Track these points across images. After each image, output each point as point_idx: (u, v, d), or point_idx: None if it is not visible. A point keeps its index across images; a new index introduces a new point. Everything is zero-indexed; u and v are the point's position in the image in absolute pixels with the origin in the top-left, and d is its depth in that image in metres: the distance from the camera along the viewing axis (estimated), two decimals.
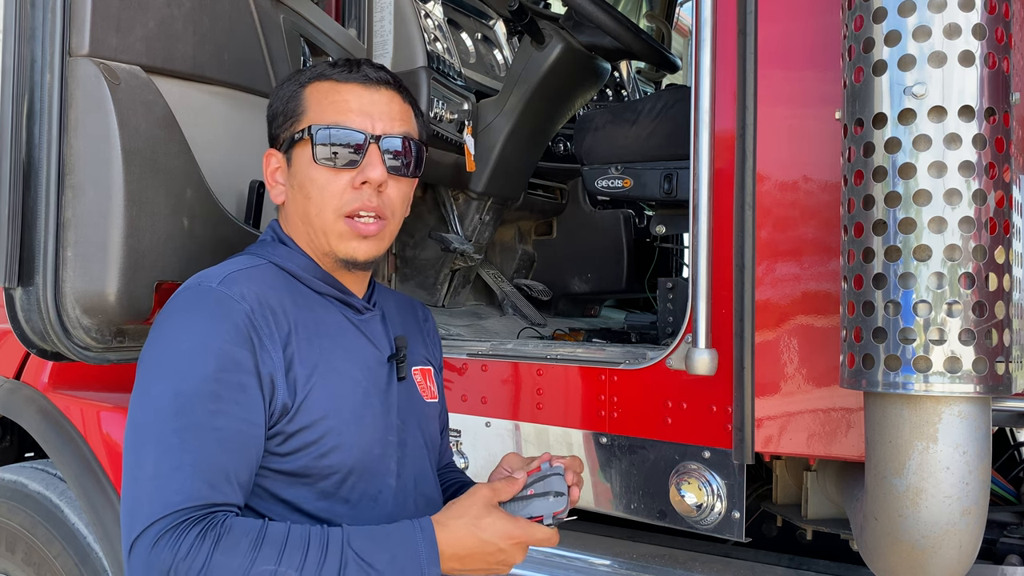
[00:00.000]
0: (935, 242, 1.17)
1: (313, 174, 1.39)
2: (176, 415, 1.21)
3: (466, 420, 2.02)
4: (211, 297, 1.30)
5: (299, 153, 1.41)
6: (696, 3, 1.62)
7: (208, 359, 1.24)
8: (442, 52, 2.59)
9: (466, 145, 2.54)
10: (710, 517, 1.65)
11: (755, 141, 1.55)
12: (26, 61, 1.61)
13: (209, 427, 1.21)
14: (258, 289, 1.34)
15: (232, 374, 1.25)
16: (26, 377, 2.50)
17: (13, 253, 1.60)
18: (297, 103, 1.44)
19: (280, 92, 1.49)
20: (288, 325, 1.34)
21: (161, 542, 1.14)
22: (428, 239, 2.78)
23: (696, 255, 1.60)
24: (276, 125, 1.47)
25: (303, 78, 1.47)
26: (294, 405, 1.31)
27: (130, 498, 1.21)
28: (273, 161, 1.47)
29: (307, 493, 1.34)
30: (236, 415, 1.24)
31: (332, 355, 1.39)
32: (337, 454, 1.35)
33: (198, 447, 1.20)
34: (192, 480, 1.18)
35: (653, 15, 3.82)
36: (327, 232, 1.40)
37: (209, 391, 1.23)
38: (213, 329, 1.27)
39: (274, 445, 1.30)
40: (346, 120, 1.40)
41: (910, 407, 1.21)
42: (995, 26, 1.17)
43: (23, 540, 2.44)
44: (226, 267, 1.37)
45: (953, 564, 1.24)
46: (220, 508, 1.19)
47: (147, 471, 1.20)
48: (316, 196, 1.39)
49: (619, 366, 1.80)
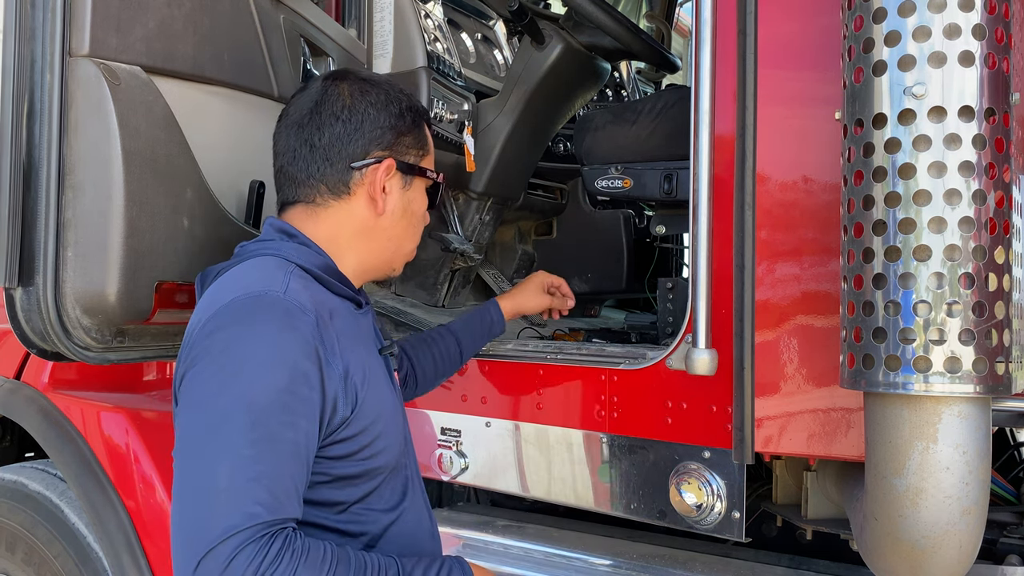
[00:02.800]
0: (935, 242, 1.17)
1: (425, 209, 1.58)
2: (251, 427, 1.18)
3: (466, 420, 2.02)
4: (281, 307, 1.27)
5: (420, 185, 1.56)
6: (696, 3, 1.62)
7: (282, 371, 1.22)
8: (442, 52, 2.59)
9: (466, 145, 2.54)
10: (710, 517, 1.65)
11: (755, 141, 1.55)
12: (26, 61, 1.60)
13: (282, 439, 1.20)
14: (312, 296, 1.33)
15: (302, 387, 1.24)
16: (26, 377, 2.50)
17: (13, 253, 1.60)
18: (423, 136, 1.56)
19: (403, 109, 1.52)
20: (338, 331, 1.35)
21: (242, 556, 1.11)
22: (428, 239, 2.78)
23: (696, 255, 1.60)
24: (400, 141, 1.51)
25: (422, 110, 1.58)
26: (352, 412, 1.33)
27: (196, 510, 1.16)
28: (383, 170, 1.48)
29: (351, 493, 1.38)
30: (303, 428, 1.23)
31: (368, 357, 1.44)
32: (385, 455, 1.41)
33: (273, 459, 1.18)
34: (269, 493, 1.16)
35: (653, 15, 3.82)
36: (406, 256, 1.59)
37: (282, 403, 1.21)
38: (285, 340, 1.25)
39: (331, 451, 1.32)
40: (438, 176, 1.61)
41: (910, 407, 1.21)
42: (995, 26, 1.17)
43: (23, 540, 2.44)
44: (275, 273, 1.34)
45: (953, 564, 1.24)
46: (290, 522, 1.19)
47: (219, 483, 1.16)
48: (414, 232, 1.58)
49: (619, 366, 1.80)
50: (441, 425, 2.06)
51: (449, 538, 2.07)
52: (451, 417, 2.05)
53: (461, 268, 2.86)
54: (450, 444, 2.04)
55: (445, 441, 2.05)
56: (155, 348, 1.81)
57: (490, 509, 2.35)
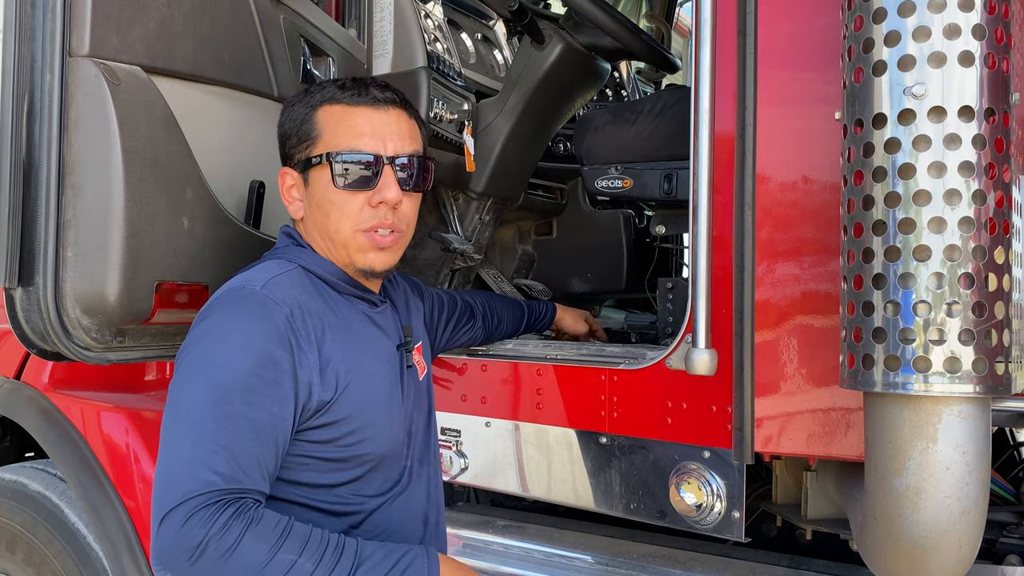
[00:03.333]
0: (935, 242, 1.17)
1: (332, 196, 1.50)
2: (215, 403, 1.29)
3: (466, 420, 2.02)
4: (255, 299, 1.39)
5: (317, 175, 1.51)
6: (696, 3, 1.61)
7: (249, 355, 1.33)
8: (442, 52, 2.59)
9: (466, 145, 2.54)
10: (710, 517, 1.66)
11: (755, 141, 1.55)
12: (26, 61, 1.61)
13: (244, 417, 1.29)
14: (296, 293, 1.44)
15: (269, 371, 1.34)
16: (26, 377, 2.50)
17: (13, 253, 1.60)
18: (311, 126, 1.53)
19: (291, 113, 1.57)
20: (323, 326, 1.44)
21: (195, 518, 1.20)
22: (428, 239, 2.78)
23: (696, 255, 1.59)
24: (290, 145, 1.56)
25: (314, 100, 1.54)
26: (333, 398, 1.41)
27: (164, 477, 1.27)
28: (288, 179, 1.57)
29: (340, 476, 1.46)
30: (268, 408, 1.32)
31: (362, 353, 1.51)
32: (371, 444, 1.47)
33: (233, 434, 1.28)
34: (227, 464, 1.26)
35: (653, 15, 3.82)
36: (346, 245, 1.52)
37: (246, 384, 1.31)
38: (256, 328, 1.36)
39: (313, 435, 1.41)
40: (360, 144, 1.50)
41: (910, 407, 1.21)
42: (995, 26, 1.17)
43: (23, 540, 2.44)
44: (264, 272, 1.47)
45: (953, 564, 1.24)
46: (250, 493, 1.27)
47: (183, 453, 1.27)
48: (336, 215, 1.51)
49: (619, 366, 1.80)
50: (441, 425, 2.06)
51: (449, 538, 2.07)
52: (451, 417, 2.05)
53: (461, 268, 2.86)
54: (450, 444, 2.04)
55: (445, 441, 2.05)
56: (155, 348, 1.81)
57: (490, 509, 2.35)
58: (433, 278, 2.82)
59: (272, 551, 1.22)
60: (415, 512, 1.60)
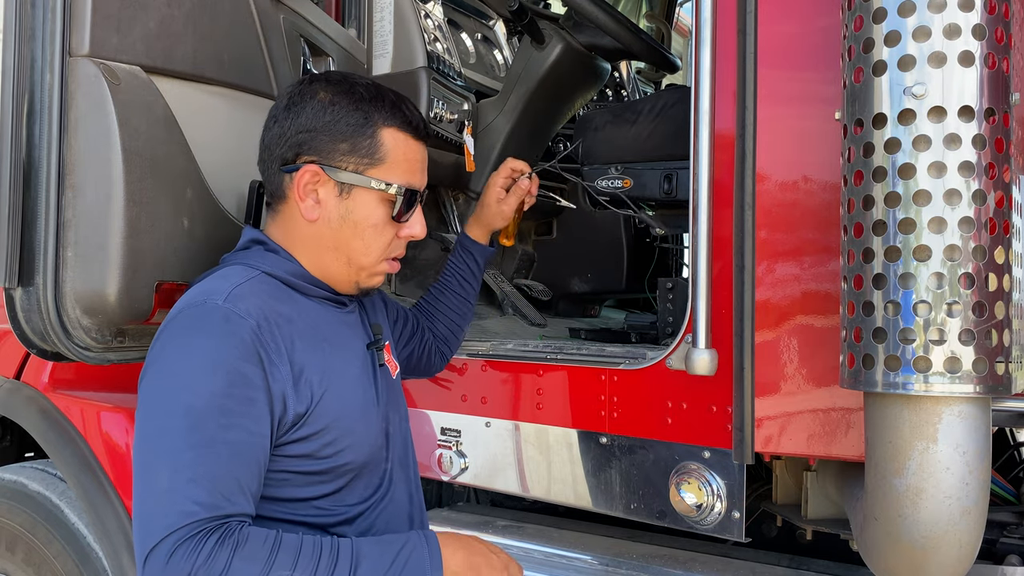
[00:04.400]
0: (935, 242, 1.17)
1: (377, 222, 1.47)
2: (189, 431, 1.24)
3: (466, 420, 2.02)
4: (218, 314, 1.32)
5: (367, 196, 1.46)
6: (696, 3, 1.61)
7: (218, 375, 1.27)
8: (442, 52, 2.59)
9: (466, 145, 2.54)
10: (710, 517, 1.65)
11: (755, 141, 1.55)
12: (26, 61, 1.60)
13: (221, 441, 1.24)
14: (261, 302, 1.37)
15: (241, 389, 1.28)
16: (26, 377, 2.50)
17: (13, 253, 1.60)
18: (375, 145, 1.46)
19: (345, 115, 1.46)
20: (292, 335, 1.38)
21: (178, 552, 1.16)
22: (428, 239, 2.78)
23: (696, 255, 1.59)
24: (331, 147, 1.45)
25: (378, 116, 1.46)
26: (308, 410, 1.36)
27: (144, 512, 1.22)
28: (309, 176, 1.45)
29: (322, 489, 1.41)
30: (245, 428, 1.27)
31: (334, 358, 1.45)
32: (351, 452, 1.43)
33: (212, 460, 1.23)
34: (207, 492, 1.20)
35: (653, 15, 3.82)
36: (364, 269, 1.50)
37: (219, 406, 1.26)
38: (222, 346, 1.30)
39: (291, 449, 1.35)
40: (415, 181, 1.51)
41: (910, 407, 1.21)
42: (995, 26, 1.17)
43: (23, 540, 2.44)
44: (225, 281, 1.39)
45: (953, 564, 1.24)
46: (233, 518, 1.22)
47: (161, 485, 1.22)
48: (372, 241, 1.48)
49: (619, 366, 1.80)
50: (441, 425, 2.06)
51: None
52: (451, 417, 2.05)
53: None
54: (450, 444, 2.04)
55: (445, 441, 2.05)
56: None
57: (490, 509, 2.35)
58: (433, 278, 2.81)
59: (264, 570, 1.18)
60: (399, 515, 1.56)
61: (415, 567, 1.29)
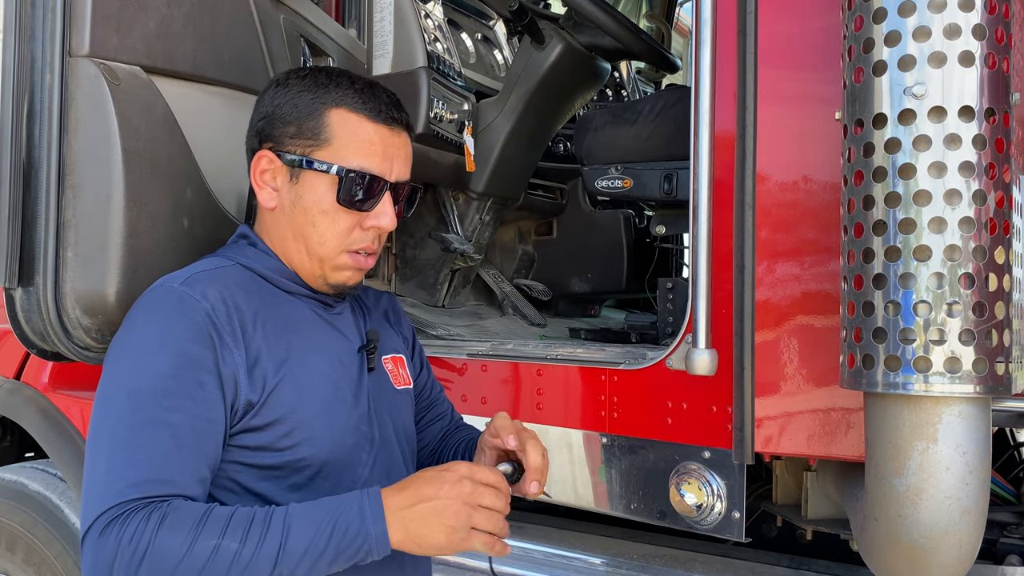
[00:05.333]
0: (935, 242, 1.17)
1: (326, 207, 1.41)
2: (130, 412, 1.23)
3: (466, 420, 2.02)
4: (173, 296, 1.33)
5: (314, 179, 1.41)
6: (696, 3, 1.62)
7: (166, 357, 1.27)
8: (442, 52, 2.59)
9: (466, 145, 2.55)
10: (710, 517, 1.65)
11: (755, 141, 1.55)
12: (26, 61, 1.60)
13: (163, 423, 1.23)
14: (221, 288, 1.35)
15: (189, 371, 1.26)
16: (26, 377, 2.50)
17: (13, 253, 1.60)
18: (320, 125, 1.42)
19: (292, 97, 1.44)
20: (253, 322, 1.35)
21: (107, 531, 1.15)
22: (428, 239, 2.78)
23: (696, 255, 1.60)
24: (286, 134, 1.43)
25: (327, 98, 1.43)
26: (260, 400, 1.32)
27: (85, 493, 1.22)
28: (264, 163, 1.45)
29: (279, 486, 1.35)
30: (191, 411, 1.24)
31: (300, 350, 1.40)
32: (308, 447, 1.36)
33: (150, 442, 1.21)
34: (142, 473, 1.19)
35: (653, 15, 3.82)
36: (324, 261, 1.43)
37: (163, 387, 1.24)
38: (172, 327, 1.29)
39: (245, 440, 1.32)
40: (371, 165, 1.41)
41: (910, 407, 1.21)
42: (995, 26, 1.17)
43: (23, 540, 2.44)
44: (191, 268, 1.41)
45: (953, 564, 1.24)
46: (172, 499, 1.20)
47: (101, 466, 1.22)
48: (324, 227, 1.42)
49: (619, 366, 1.80)
50: None
51: None
52: None
53: (461, 268, 2.87)
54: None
55: None
56: None
57: None
58: (433, 278, 2.82)
59: (189, 540, 1.14)
60: None
61: (352, 519, 1.20)
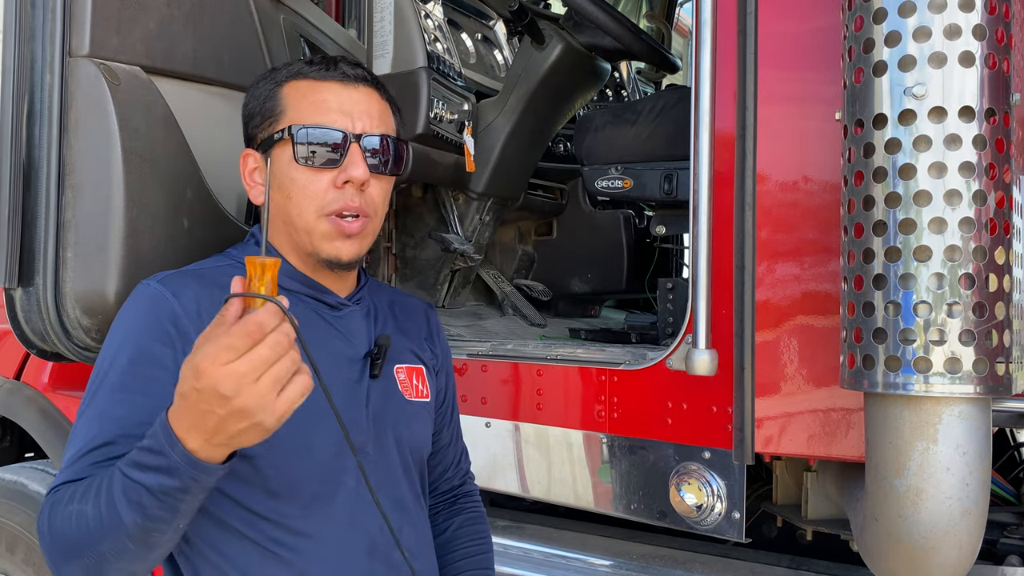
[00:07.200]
0: (935, 243, 1.17)
1: (294, 174, 1.38)
2: (87, 404, 1.28)
3: (466, 421, 2.02)
4: (147, 293, 1.34)
5: (279, 153, 1.40)
6: (696, 3, 1.62)
7: (126, 351, 1.29)
8: (442, 52, 2.59)
9: (466, 145, 2.54)
10: (710, 518, 1.65)
11: (755, 141, 1.55)
12: (26, 61, 1.61)
13: (110, 417, 1.25)
14: (200, 288, 1.34)
15: (147, 368, 1.27)
16: (26, 377, 2.51)
17: (13, 253, 1.60)
18: (275, 102, 1.43)
19: (255, 91, 1.47)
20: None
21: (43, 507, 1.22)
22: (428, 239, 2.78)
23: (696, 255, 1.60)
24: (253, 125, 1.46)
25: (279, 76, 1.45)
26: None
27: None
28: (250, 161, 1.46)
29: (255, 491, 1.31)
30: (141, 405, 1.23)
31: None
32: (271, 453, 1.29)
33: (95, 434, 1.25)
34: (80, 464, 1.23)
35: (653, 15, 3.82)
36: (310, 232, 1.39)
37: (119, 382, 1.27)
38: (137, 324, 1.31)
39: None
40: (326, 119, 1.39)
41: (910, 408, 1.21)
42: (995, 27, 1.17)
43: (23, 540, 2.44)
44: (190, 266, 1.43)
45: (953, 564, 1.24)
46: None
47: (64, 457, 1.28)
48: (297, 196, 1.38)
49: (619, 366, 1.80)
50: None
51: None
52: None
53: (461, 268, 2.87)
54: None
55: None
56: None
57: (490, 509, 2.35)
58: (433, 278, 2.82)
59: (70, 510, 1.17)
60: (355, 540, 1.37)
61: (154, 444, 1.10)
